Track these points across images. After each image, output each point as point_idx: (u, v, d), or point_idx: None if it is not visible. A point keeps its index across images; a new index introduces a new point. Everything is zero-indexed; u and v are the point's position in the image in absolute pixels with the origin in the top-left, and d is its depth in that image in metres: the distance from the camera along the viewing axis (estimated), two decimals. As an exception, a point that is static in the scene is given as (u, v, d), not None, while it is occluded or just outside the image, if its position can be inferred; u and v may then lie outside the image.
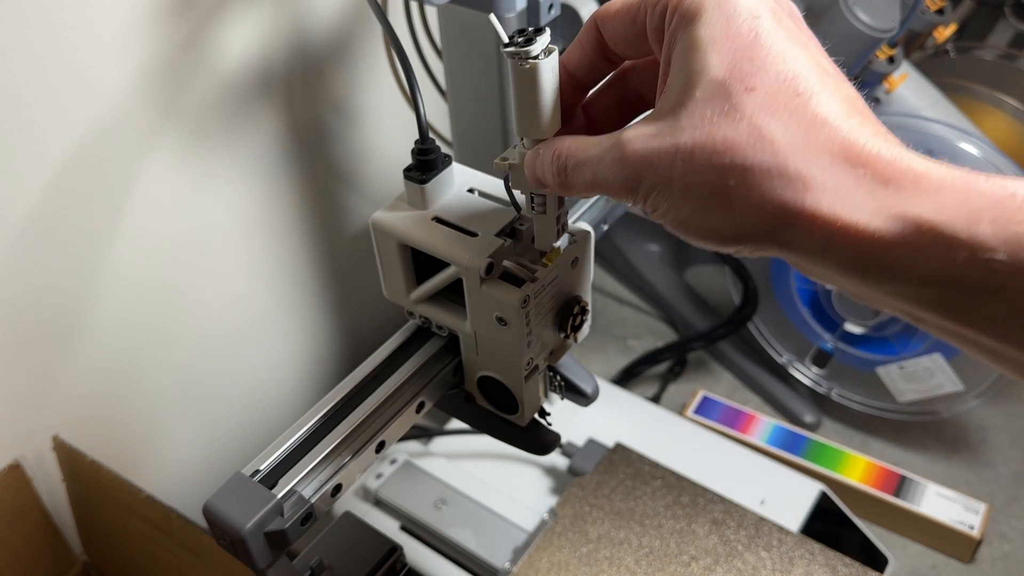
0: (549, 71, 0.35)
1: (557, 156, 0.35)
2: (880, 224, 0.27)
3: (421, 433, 0.92)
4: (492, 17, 0.37)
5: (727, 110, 0.30)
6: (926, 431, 1.05)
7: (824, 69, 0.31)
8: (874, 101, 0.95)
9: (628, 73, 0.39)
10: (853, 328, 1.00)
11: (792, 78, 0.30)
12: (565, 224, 0.42)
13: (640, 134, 0.32)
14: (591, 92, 0.40)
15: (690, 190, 0.30)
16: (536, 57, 0.34)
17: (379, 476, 0.86)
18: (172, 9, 0.66)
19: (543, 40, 0.34)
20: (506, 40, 0.35)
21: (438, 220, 0.43)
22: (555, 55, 0.35)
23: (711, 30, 0.31)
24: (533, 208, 0.40)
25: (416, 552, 0.81)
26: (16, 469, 0.70)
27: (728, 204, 0.30)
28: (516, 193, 0.42)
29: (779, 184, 0.29)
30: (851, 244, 0.28)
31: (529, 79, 0.35)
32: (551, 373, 0.48)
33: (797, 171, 0.29)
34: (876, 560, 0.82)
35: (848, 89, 0.31)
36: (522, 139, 0.38)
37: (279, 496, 0.39)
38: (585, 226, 0.45)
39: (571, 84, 0.38)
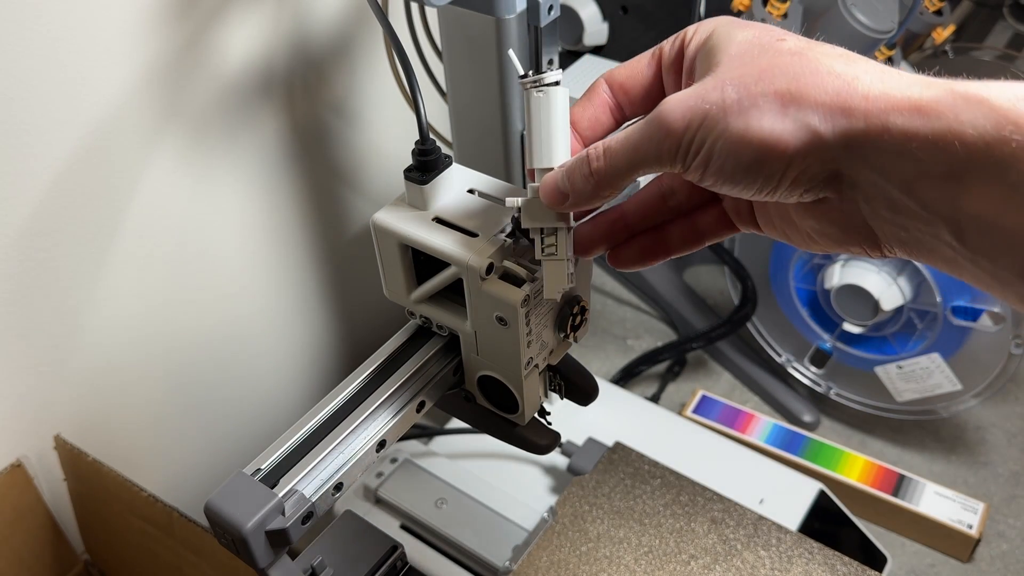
0: (561, 100, 0.37)
1: (593, 149, 0.36)
2: (932, 95, 0.29)
3: (421, 432, 0.92)
4: (511, 52, 0.40)
5: (764, 50, 0.32)
6: (924, 430, 1.05)
7: None
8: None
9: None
10: (851, 328, 1.00)
11: (813, 40, 0.33)
12: (574, 274, 0.41)
13: (677, 95, 0.33)
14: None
15: (743, 105, 0.31)
16: (551, 85, 0.37)
17: (380, 475, 0.86)
18: (173, 11, 0.66)
19: (556, 72, 0.37)
20: (522, 72, 0.38)
21: (438, 220, 0.43)
22: (567, 91, 0.38)
23: (730, 26, 0.35)
24: (543, 251, 0.39)
25: (417, 551, 0.81)
26: (18, 468, 0.70)
27: (784, 105, 0.31)
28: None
29: (831, 80, 0.30)
30: (904, 115, 0.29)
31: (545, 106, 0.37)
32: (551, 372, 0.49)
33: (844, 70, 0.31)
34: (875, 559, 0.82)
35: None
36: (530, 180, 0.39)
37: (280, 495, 0.40)
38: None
39: (574, 137, 0.39)
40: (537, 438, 0.50)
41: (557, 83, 0.37)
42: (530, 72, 0.37)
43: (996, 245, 0.29)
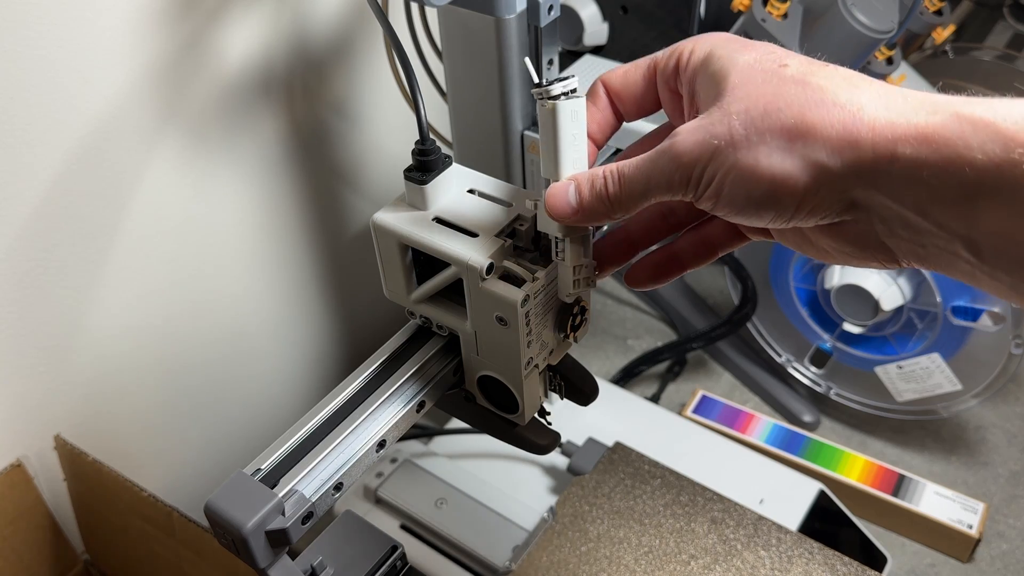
0: (568, 114, 0.37)
1: (608, 173, 0.36)
2: (939, 121, 0.29)
3: (421, 432, 0.92)
4: (527, 60, 0.40)
5: (767, 78, 0.32)
6: (924, 430, 1.05)
7: None
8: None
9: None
10: (852, 328, 1.00)
11: (815, 60, 0.33)
12: (592, 278, 0.42)
13: (687, 127, 0.34)
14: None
15: (750, 139, 0.31)
16: (556, 98, 0.36)
17: (380, 475, 0.86)
18: (173, 10, 0.66)
19: (567, 83, 0.36)
20: (536, 80, 0.37)
21: (438, 220, 0.43)
22: (580, 101, 0.37)
23: (728, 48, 0.34)
24: (557, 255, 0.40)
25: (417, 551, 0.81)
26: (18, 468, 0.70)
27: (790, 142, 0.31)
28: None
29: (835, 112, 0.30)
30: (913, 144, 0.29)
31: (549, 118, 0.37)
32: (551, 373, 0.49)
33: (848, 99, 0.30)
34: (875, 559, 0.82)
35: None
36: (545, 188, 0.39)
37: (280, 495, 0.39)
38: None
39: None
40: (537, 438, 0.50)
41: (567, 94, 0.37)
42: (544, 81, 0.37)
43: (1015, 260, 0.29)
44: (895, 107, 0.30)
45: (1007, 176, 0.28)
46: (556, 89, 0.36)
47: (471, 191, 0.45)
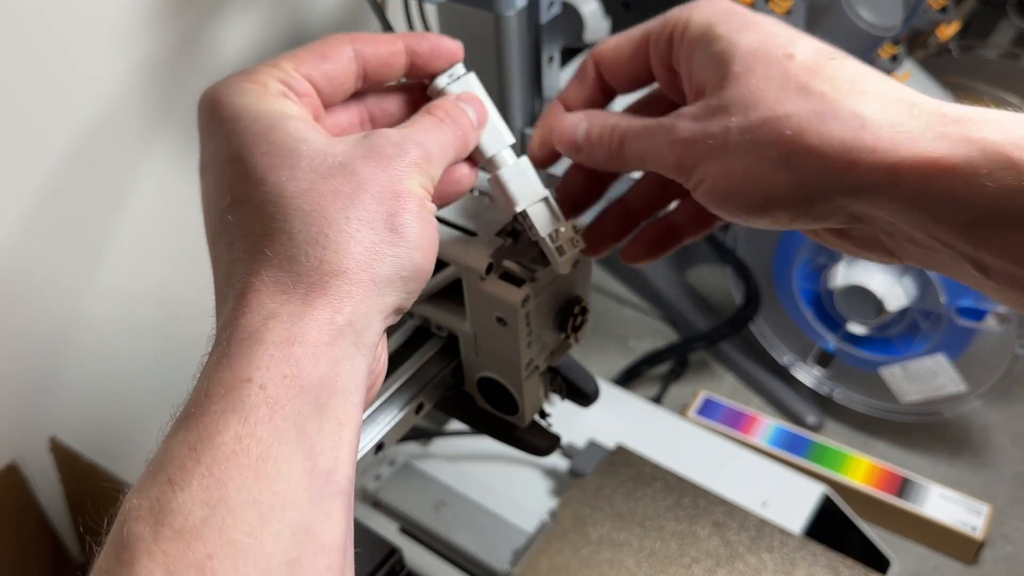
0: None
1: (611, 131, 0.36)
2: (944, 149, 0.27)
3: (420, 434, 0.92)
4: None
5: (771, 75, 0.30)
6: (929, 432, 1.05)
7: None
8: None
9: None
10: (856, 329, 0.99)
11: (823, 47, 0.31)
12: (576, 239, 0.40)
13: (687, 113, 0.32)
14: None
15: (747, 147, 0.30)
16: (444, 86, 0.38)
17: (378, 478, 0.86)
18: (169, 8, 0.66)
19: (452, 72, 0.38)
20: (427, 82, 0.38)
21: (438, 219, 0.43)
22: (467, 78, 0.38)
23: (729, 25, 0.32)
24: (529, 230, 0.39)
25: (415, 554, 0.81)
26: (13, 470, 0.70)
27: (787, 156, 0.29)
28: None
29: (835, 125, 0.29)
30: (916, 173, 0.27)
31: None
32: (551, 374, 0.48)
33: (851, 111, 0.29)
34: (879, 562, 0.81)
35: None
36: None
37: (276, 499, 0.39)
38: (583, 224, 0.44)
39: None
40: (537, 440, 0.49)
41: (448, 80, 0.38)
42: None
43: (1017, 289, 0.28)
44: (901, 124, 0.28)
45: (1019, 202, 0.26)
46: (442, 81, 0.37)
47: (471, 190, 0.44)
